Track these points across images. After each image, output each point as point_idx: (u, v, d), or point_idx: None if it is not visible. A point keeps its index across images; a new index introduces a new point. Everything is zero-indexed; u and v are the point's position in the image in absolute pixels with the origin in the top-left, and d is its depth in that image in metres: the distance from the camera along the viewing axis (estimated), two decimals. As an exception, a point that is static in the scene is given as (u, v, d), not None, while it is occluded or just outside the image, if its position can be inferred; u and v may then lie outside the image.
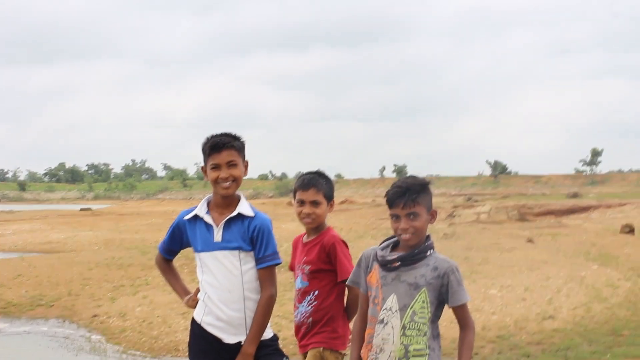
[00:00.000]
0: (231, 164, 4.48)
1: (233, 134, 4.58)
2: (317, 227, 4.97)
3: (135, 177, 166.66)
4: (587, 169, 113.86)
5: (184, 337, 10.63)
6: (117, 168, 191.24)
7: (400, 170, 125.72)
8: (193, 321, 4.56)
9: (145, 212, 53.10)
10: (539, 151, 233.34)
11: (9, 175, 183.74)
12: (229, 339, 4.42)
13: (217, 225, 4.47)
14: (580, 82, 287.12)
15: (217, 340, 4.43)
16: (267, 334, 4.50)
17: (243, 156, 4.60)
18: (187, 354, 4.63)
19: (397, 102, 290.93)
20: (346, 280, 4.52)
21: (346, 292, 4.95)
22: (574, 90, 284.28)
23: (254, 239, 4.48)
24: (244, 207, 4.54)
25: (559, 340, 9.97)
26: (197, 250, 4.52)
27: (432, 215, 4.16)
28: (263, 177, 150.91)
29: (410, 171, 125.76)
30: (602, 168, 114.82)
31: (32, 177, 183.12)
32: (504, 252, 18.63)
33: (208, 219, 4.50)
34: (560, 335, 10.24)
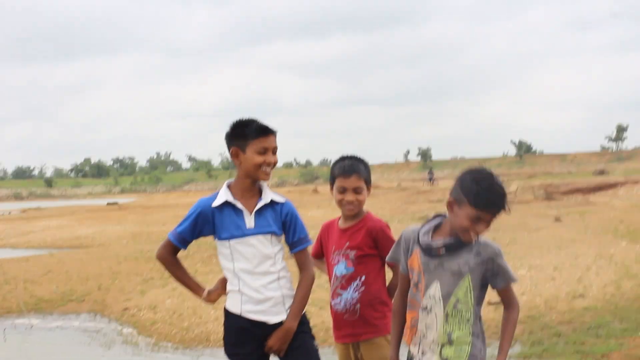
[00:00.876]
0: (275, 151, 4.52)
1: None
2: (357, 213, 4.92)
3: (160, 169, 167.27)
4: (613, 145, 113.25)
5: (215, 327, 10.69)
6: (142, 161, 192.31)
7: (424, 154, 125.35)
8: (229, 314, 4.54)
9: (172, 204, 53.23)
10: (564, 129, 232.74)
11: (35, 172, 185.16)
12: (273, 319, 4.46)
13: (250, 212, 4.47)
14: (603, 57, 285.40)
15: (261, 325, 4.45)
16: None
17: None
18: (218, 343, 4.65)
19: (419, 84, 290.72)
20: None
21: (386, 275, 4.94)
22: (597, 65, 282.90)
23: (286, 223, 4.55)
24: (272, 194, 4.57)
25: (589, 318, 9.93)
26: (225, 238, 4.47)
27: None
28: (288, 165, 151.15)
29: (435, 154, 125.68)
30: (628, 144, 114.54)
31: (59, 173, 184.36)
32: (532, 232, 18.57)
33: (239, 205, 4.48)
34: (591, 313, 10.21)
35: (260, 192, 4.58)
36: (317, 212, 32.16)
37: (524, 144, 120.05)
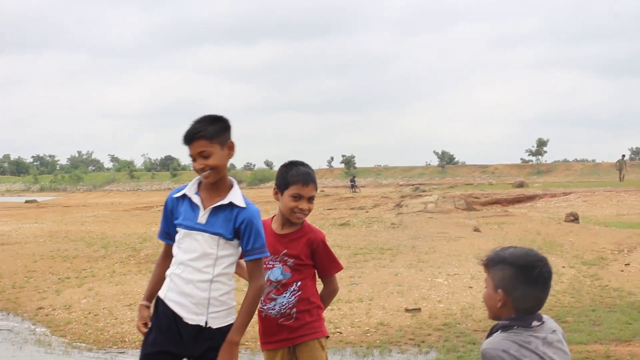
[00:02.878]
0: (204, 155, 4.40)
1: (210, 118, 4.48)
2: None
3: (81, 168, 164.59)
4: (533, 158, 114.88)
5: (130, 328, 10.58)
6: (63, 160, 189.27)
7: (348, 161, 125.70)
8: (157, 299, 4.50)
9: (92, 204, 52.60)
10: (486, 141, 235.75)
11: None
12: (190, 317, 4.35)
13: (205, 208, 4.42)
14: (526, 74, 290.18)
15: (178, 318, 4.36)
16: (232, 319, 4.49)
17: (220, 141, 4.44)
18: (133, 345, 4.59)
19: (345, 93, 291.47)
20: (338, 272, 4.85)
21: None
22: (520, 81, 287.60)
23: (241, 230, 4.43)
24: (236, 197, 4.47)
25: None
26: (178, 225, 4.46)
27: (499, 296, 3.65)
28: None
29: (359, 162, 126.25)
30: (548, 158, 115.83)
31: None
32: (451, 241, 18.75)
33: (196, 199, 4.45)
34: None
35: (228, 191, 4.52)
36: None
37: (447, 154, 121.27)
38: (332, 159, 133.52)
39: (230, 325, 4.43)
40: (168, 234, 4.60)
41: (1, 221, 34.04)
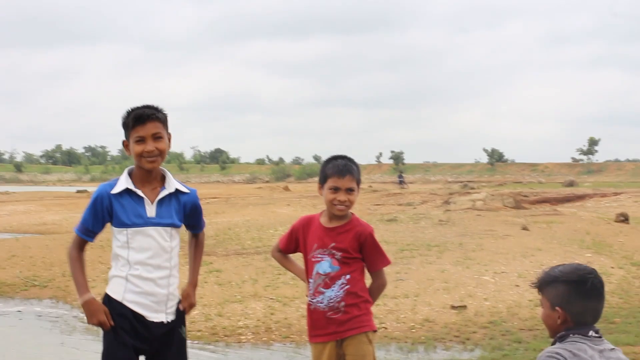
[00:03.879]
0: (157, 137, 4.38)
1: (156, 106, 4.45)
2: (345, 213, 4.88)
3: (131, 159, 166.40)
4: (584, 157, 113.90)
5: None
6: (113, 151, 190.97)
7: (397, 157, 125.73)
8: (110, 299, 4.37)
9: (141, 195, 53.03)
10: (536, 140, 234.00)
11: (6, 156, 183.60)
12: (152, 316, 4.34)
13: (151, 200, 4.38)
14: (578, 72, 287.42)
15: (139, 317, 4.32)
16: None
17: (167, 128, 4.48)
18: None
19: (396, 89, 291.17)
20: (386, 266, 4.88)
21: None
22: (572, 79, 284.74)
23: (189, 215, 4.55)
24: (177, 184, 4.51)
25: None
26: (124, 225, 4.32)
27: (558, 314, 3.67)
28: (260, 162, 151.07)
29: (407, 158, 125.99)
30: (599, 157, 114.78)
31: (29, 158, 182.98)
32: (499, 239, 18.64)
33: (140, 193, 4.37)
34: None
35: (164, 180, 4.51)
36: (287, 209, 32.22)
37: (496, 152, 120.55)
38: (380, 154, 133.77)
39: (177, 313, 4.52)
40: (92, 233, 4.46)
41: (53, 211, 34.54)
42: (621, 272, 14.15)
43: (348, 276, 4.76)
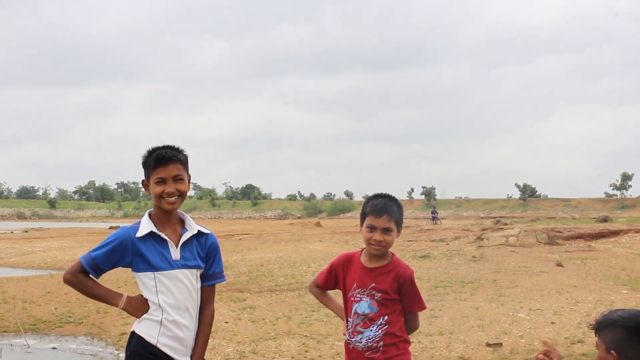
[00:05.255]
0: (177, 179, 4.38)
1: (177, 147, 4.44)
2: (383, 254, 4.84)
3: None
4: (617, 193, 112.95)
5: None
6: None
7: (428, 192, 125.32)
8: (141, 340, 4.32)
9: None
10: (569, 175, 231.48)
11: (40, 192, 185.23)
12: (182, 359, 4.34)
13: (175, 243, 4.36)
14: (610, 106, 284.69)
15: (170, 359, 4.31)
16: None
17: (187, 170, 4.48)
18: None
19: (426, 124, 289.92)
20: (421, 310, 4.83)
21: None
22: (605, 114, 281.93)
23: (208, 255, 4.47)
24: (197, 225, 4.49)
25: (588, 364, 9.90)
26: (151, 270, 4.31)
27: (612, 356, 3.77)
28: (291, 198, 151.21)
29: (439, 193, 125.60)
30: (633, 192, 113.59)
31: (62, 194, 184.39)
32: (533, 276, 18.53)
33: (164, 236, 4.35)
34: (589, 359, 10.18)
35: (183, 222, 4.49)
36: (319, 245, 32.17)
37: (529, 187, 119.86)
38: (412, 190, 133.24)
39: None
40: (99, 270, 4.41)
41: (86, 247, 34.69)
42: (658, 309, 14.00)
43: (387, 317, 4.73)
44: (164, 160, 4.34)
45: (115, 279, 19.04)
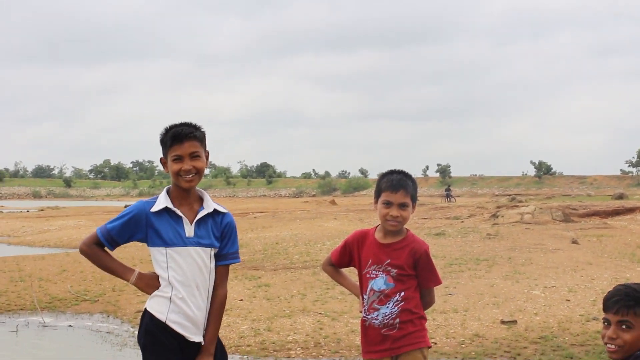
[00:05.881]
0: (194, 155, 4.35)
1: (194, 124, 4.42)
2: (399, 230, 4.82)
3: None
4: (633, 170, 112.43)
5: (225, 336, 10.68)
6: (161, 165, 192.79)
7: (443, 170, 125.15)
8: (152, 318, 4.32)
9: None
10: (584, 152, 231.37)
11: (55, 171, 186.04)
12: (193, 337, 4.31)
13: (190, 220, 4.34)
14: (627, 82, 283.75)
15: (181, 337, 4.29)
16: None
17: (205, 147, 4.45)
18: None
19: (442, 102, 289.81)
20: (437, 285, 4.84)
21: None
22: (621, 90, 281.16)
23: (223, 234, 4.43)
24: (214, 204, 4.45)
25: (602, 342, 9.86)
26: (163, 245, 4.30)
27: None
28: (306, 176, 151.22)
29: (454, 171, 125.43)
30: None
31: (78, 173, 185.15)
32: (548, 253, 18.49)
33: (179, 212, 4.33)
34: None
35: (201, 200, 4.46)
36: (334, 223, 32.15)
37: (544, 165, 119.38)
38: (427, 167, 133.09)
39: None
40: (114, 242, 4.42)
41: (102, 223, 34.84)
42: (674, 287, 13.95)
43: (403, 293, 4.72)
44: (180, 137, 4.32)
45: (130, 257, 19.12)
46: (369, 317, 4.80)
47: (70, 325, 12.20)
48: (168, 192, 4.44)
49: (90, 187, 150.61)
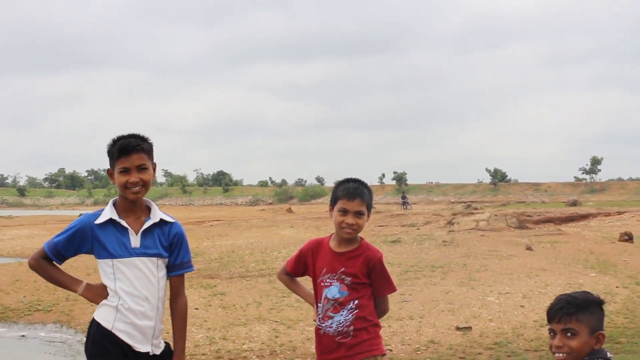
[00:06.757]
0: (141, 168, 4.33)
1: (142, 136, 4.41)
2: (354, 238, 4.83)
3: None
4: (587, 177, 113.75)
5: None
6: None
7: (399, 177, 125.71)
8: (98, 326, 4.31)
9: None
10: (539, 159, 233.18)
11: (9, 180, 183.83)
12: (140, 347, 4.29)
13: (136, 231, 4.33)
14: (580, 92, 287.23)
15: (128, 346, 4.27)
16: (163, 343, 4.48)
17: (152, 159, 4.44)
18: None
19: (398, 111, 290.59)
20: (391, 293, 4.85)
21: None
22: (574, 99, 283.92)
23: (172, 245, 4.43)
24: (161, 213, 4.45)
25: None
26: (109, 257, 4.29)
27: (598, 339, 3.76)
28: (263, 184, 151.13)
29: (410, 179, 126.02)
30: (602, 176, 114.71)
31: (32, 182, 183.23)
32: (503, 260, 18.63)
33: (124, 223, 4.32)
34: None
35: (148, 210, 4.46)
36: (290, 231, 32.16)
37: (499, 172, 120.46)
38: (383, 175, 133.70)
39: (166, 349, 4.45)
40: (61, 256, 4.41)
41: (55, 234, 34.53)
42: (626, 292, 14.12)
43: (357, 301, 4.72)
44: (127, 150, 4.31)
45: (84, 266, 18.92)
46: (324, 325, 4.79)
47: (23, 336, 12.07)
48: (114, 203, 4.43)
49: (44, 196, 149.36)
